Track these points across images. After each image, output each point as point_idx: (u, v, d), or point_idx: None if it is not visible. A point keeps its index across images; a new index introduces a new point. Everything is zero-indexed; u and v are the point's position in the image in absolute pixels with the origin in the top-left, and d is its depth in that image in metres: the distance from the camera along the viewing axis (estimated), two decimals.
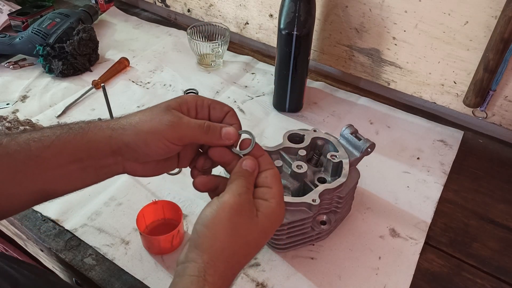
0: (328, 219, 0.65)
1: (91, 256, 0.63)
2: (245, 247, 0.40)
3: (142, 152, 0.43)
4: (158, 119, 0.42)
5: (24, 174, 0.41)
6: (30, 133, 0.42)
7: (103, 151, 0.43)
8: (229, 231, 0.39)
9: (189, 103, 0.45)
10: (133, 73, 1.02)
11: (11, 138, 0.42)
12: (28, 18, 1.11)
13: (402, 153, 0.83)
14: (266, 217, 0.41)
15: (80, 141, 0.42)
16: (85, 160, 0.43)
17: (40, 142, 0.41)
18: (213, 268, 0.38)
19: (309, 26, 0.79)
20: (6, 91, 0.94)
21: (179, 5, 1.18)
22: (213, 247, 0.38)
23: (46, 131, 0.43)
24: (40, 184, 0.42)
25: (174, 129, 0.42)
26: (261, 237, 0.41)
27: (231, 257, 0.39)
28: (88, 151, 0.42)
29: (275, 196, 0.42)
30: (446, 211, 0.73)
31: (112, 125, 0.43)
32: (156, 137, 0.42)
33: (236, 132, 0.45)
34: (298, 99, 0.91)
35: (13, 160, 0.41)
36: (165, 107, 0.43)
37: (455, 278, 0.63)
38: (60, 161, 0.42)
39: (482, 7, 0.76)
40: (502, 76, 0.77)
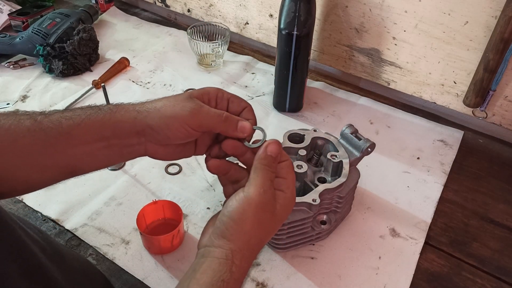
0: (328, 219, 0.65)
1: (92, 255, 0.63)
2: (266, 236, 0.45)
3: (163, 135, 0.45)
4: (180, 105, 0.45)
5: (55, 148, 0.44)
6: (62, 112, 0.45)
7: (128, 131, 0.45)
8: (255, 225, 0.43)
9: (210, 94, 0.48)
10: (133, 73, 1.02)
11: (45, 116, 0.44)
12: (28, 18, 1.11)
13: (402, 153, 0.83)
14: (282, 207, 0.45)
15: (108, 121, 0.45)
16: (111, 139, 0.45)
17: (71, 120, 0.44)
18: (240, 254, 0.42)
19: (309, 26, 0.79)
20: (6, 91, 0.94)
21: (179, 5, 1.18)
22: (240, 239, 0.42)
23: (77, 111, 0.46)
24: (69, 159, 0.45)
25: (194, 115, 0.45)
26: (278, 225, 0.46)
27: (255, 245, 0.44)
28: (114, 130, 0.45)
29: (289, 186, 0.46)
30: (446, 211, 0.73)
31: (138, 108, 0.46)
32: (178, 121, 0.45)
33: (251, 127, 0.47)
34: (298, 99, 0.91)
35: (46, 135, 0.43)
36: (188, 95, 0.46)
37: (455, 278, 0.63)
38: (88, 138, 0.45)
39: (482, 7, 0.76)
40: (502, 76, 0.77)
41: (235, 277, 0.41)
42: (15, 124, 0.43)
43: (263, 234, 0.44)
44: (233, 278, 0.41)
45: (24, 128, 0.43)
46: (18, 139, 0.43)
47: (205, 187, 0.74)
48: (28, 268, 0.37)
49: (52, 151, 0.44)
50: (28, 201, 0.70)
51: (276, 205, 0.44)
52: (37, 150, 0.43)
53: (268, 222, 0.44)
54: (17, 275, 0.36)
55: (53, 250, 0.45)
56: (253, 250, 0.44)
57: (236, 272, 0.41)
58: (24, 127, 0.43)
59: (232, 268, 0.41)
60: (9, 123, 0.43)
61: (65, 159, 0.45)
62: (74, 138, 0.44)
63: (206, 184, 0.75)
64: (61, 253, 0.47)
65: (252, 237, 0.43)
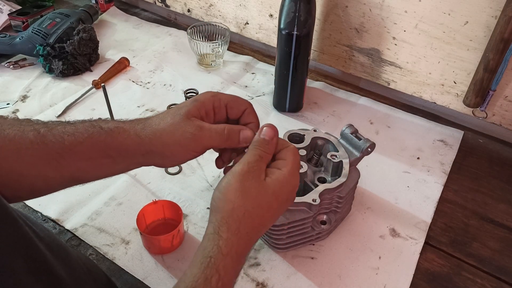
0: (328, 219, 0.65)
1: (92, 255, 0.63)
2: (257, 209, 0.43)
3: (168, 160, 0.47)
4: (181, 131, 0.45)
5: (59, 162, 0.44)
6: (64, 127, 0.46)
7: (133, 153, 0.46)
8: (238, 193, 0.42)
9: (206, 106, 0.48)
10: (133, 73, 1.02)
11: (48, 129, 0.45)
12: (28, 18, 1.11)
13: (402, 153, 0.83)
14: (275, 181, 0.44)
15: (111, 142, 0.45)
16: (116, 158, 0.46)
17: (73, 136, 0.45)
18: (226, 225, 0.41)
19: (309, 26, 0.79)
20: (6, 91, 0.94)
21: (179, 5, 1.18)
22: (224, 208, 0.42)
23: (78, 126, 0.46)
24: (73, 171, 0.46)
25: (196, 141, 0.46)
26: (272, 200, 0.44)
27: (243, 216, 0.42)
28: (118, 151, 0.46)
29: (287, 165, 0.45)
30: (446, 211, 0.73)
31: (139, 133, 0.46)
32: (182, 148, 0.46)
33: (253, 135, 0.48)
34: (298, 99, 0.91)
35: (48, 148, 0.44)
36: (185, 115, 0.46)
37: (455, 278, 0.63)
38: (92, 155, 0.45)
39: (482, 7, 0.76)
40: (502, 76, 0.77)
41: (223, 253, 0.40)
42: (19, 135, 0.44)
43: (251, 204, 0.42)
44: (221, 254, 0.40)
45: (27, 140, 0.44)
46: (22, 150, 0.43)
47: (205, 187, 0.74)
48: (34, 264, 0.38)
49: (56, 164, 0.44)
50: (28, 201, 0.70)
51: (266, 178, 0.44)
52: (40, 162, 0.44)
53: (254, 191, 0.43)
54: (24, 271, 0.36)
55: (57, 248, 0.45)
56: (240, 221, 0.41)
57: (224, 247, 0.40)
58: (27, 139, 0.44)
59: (219, 243, 0.40)
60: (14, 133, 0.44)
61: (69, 171, 0.46)
62: (78, 154, 0.45)
63: (206, 184, 0.75)
64: (65, 251, 0.47)
65: (237, 205, 0.42)
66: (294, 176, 0.45)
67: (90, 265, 0.52)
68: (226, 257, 0.40)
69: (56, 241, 0.47)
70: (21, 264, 0.36)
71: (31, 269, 0.37)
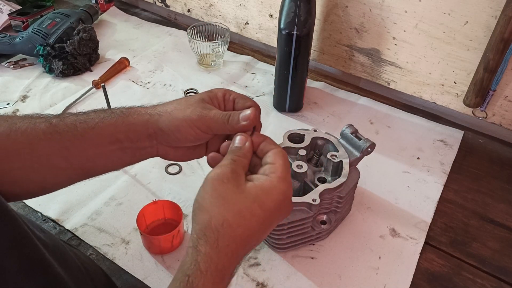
0: (328, 219, 0.65)
1: (92, 255, 0.63)
2: (237, 217, 0.39)
3: (174, 137, 0.47)
4: (191, 109, 0.46)
5: (69, 150, 0.45)
6: (77, 116, 0.47)
7: (140, 134, 0.47)
8: (213, 200, 0.39)
9: (218, 97, 0.49)
10: (133, 73, 1.02)
11: (59, 119, 0.46)
12: (28, 18, 1.11)
13: (402, 153, 0.83)
14: (257, 187, 0.40)
15: (121, 124, 0.46)
16: (124, 142, 0.47)
17: (85, 123, 0.46)
18: (204, 238, 0.38)
19: (309, 26, 0.79)
20: (6, 91, 0.94)
21: (179, 5, 1.18)
22: (201, 218, 0.39)
23: (90, 114, 0.47)
24: (83, 161, 0.46)
25: (202, 119, 0.46)
26: (255, 207, 0.39)
27: (221, 226, 0.38)
28: (127, 133, 0.46)
29: (275, 171, 0.42)
30: (446, 211, 0.73)
31: (150, 111, 0.47)
32: (188, 124, 0.46)
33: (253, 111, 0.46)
34: (298, 99, 0.91)
35: (61, 137, 0.45)
36: (199, 99, 0.48)
37: (455, 278, 0.63)
38: (102, 141, 0.46)
39: (482, 7, 0.76)
40: (502, 76, 0.77)
41: (201, 270, 0.36)
42: (31, 127, 0.44)
43: (230, 213, 0.38)
44: (199, 271, 0.36)
45: (39, 131, 0.44)
46: (34, 141, 0.44)
47: None
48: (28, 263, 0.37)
49: (67, 153, 0.45)
50: (28, 201, 0.70)
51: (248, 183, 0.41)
52: (52, 152, 0.45)
53: (231, 197, 0.39)
54: (16, 269, 0.36)
55: (55, 247, 0.45)
56: (218, 232, 0.37)
57: (203, 264, 0.36)
58: (39, 130, 0.44)
59: (197, 258, 0.36)
60: (25, 126, 0.44)
61: (79, 161, 0.46)
62: (88, 140, 0.46)
63: None
64: (62, 250, 0.47)
65: (214, 214, 0.38)
66: (282, 181, 0.41)
67: (88, 265, 0.52)
68: (206, 275, 0.36)
69: (54, 240, 0.47)
70: (14, 263, 0.36)
71: (24, 268, 0.37)
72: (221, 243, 0.38)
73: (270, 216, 0.41)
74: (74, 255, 0.50)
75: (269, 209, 0.40)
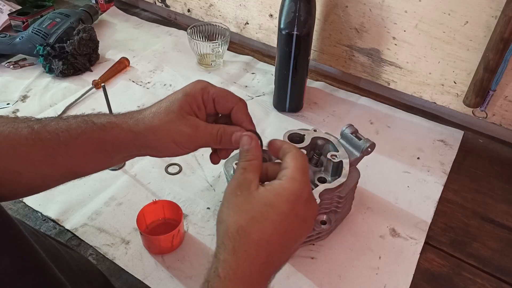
0: (328, 218, 0.65)
1: (92, 255, 0.63)
2: (251, 222, 0.39)
3: (164, 154, 0.48)
4: (177, 130, 0.46)
5: (54, 158, 0.44)
6: (58, 122, 0.46)
7: (127, 146, 0.47)
8: (229, 211, 0.40)
9: (197, 100, 0.47)
10: (133, 73, 1.02)
11: (42, 125, 0.45)
12: (28, 18, 1.12)
13: (402, 153, 0.83)
14: (268, 191, 0.40)
15: (105, 137, 0.46)
16: (111, 152, 0.47)
17: (68, 132, 0.45)
18: (222, 246, 0.38)
19: (309, 26, 0.79)
20: (6, 91, 0.94)
21: (179, 5, 1.18)
22: (219, 230, 0.40)
23: (71, 122, 0.46)
24: (69, 166, 0.46)
25: (191, 140, 0.46)
26: (268, 212, 0.39)
27: (237, 233, 0.38)
28: (113, 145, 0.46)
29: (286, 173, 0.41)
30: (446, 211, 0.73)
31: (132, 128, 0.46)
32: (177, 146, 0.46)
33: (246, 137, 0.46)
34: (298, 99, 0.91)
35: (43, 145, 0.44)
36: (179, 112, 0.46)
37: (455, 278, 0.63)
38: (88, 150, 0.46)
39: (482, 7, 0.76)
40: (502, 76, 0.77)
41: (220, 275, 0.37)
42: (13, 132, 0.44)
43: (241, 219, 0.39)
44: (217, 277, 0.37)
45: (22, 137, 0.44)
46: (17, 146, 0.43)
47: (205, 187, 0.74)
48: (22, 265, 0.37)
49: (52, 160, 0.45)
50: (28, 201, 0.70)
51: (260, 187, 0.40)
52: (36, 158, 0.44)
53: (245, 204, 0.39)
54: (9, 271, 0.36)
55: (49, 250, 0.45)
56: (234, 238, 0.38)
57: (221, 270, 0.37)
58: (22, 135, 0.44)
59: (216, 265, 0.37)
60: (8, 130, 0.44)
61: (65, 166, 0.46)
62: (73, 149, 0.45)
63: (206, 184, 0.75)
64: (56, 253, 0.47)
65: (230, 223, 0.39)
66: (294, 181, 0.40)
67: (85, 267, 0.52)
68: (224, 281, 0.36)
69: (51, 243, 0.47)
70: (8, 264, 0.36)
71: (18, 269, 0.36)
72: (238, 249, 0.38)
73: (286, 219, 0.39)
74: (69, 258, 0.49)
75: (282, 211, 0.39)
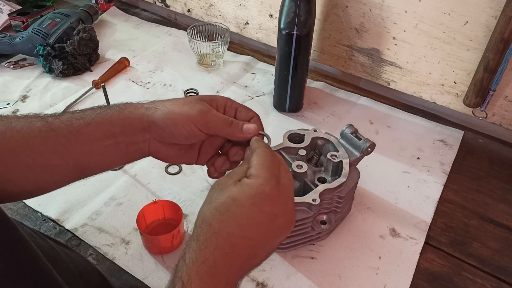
0: (328, 219, 0.65)
1: (92, 255, 0.63)
2: (213, 212, 0.40)
3: (168, 131, 0.47)
4: (190, 105, 0.47)
5: (65, 147, 0.45)
6: (73, 113, 0.48)
7: (135, 127, 0.47)
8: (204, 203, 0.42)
9: (219, 101, 0.50)
10: (133, 73, 1.02)
11: (55, 117, 0.46)
12: (28, 18, 1.11)
13: (402, 153, 0.83)
14: (236, 186, 0.41)
15: (116, 117, 0.47)
16: (118, 136, 0.47)
17: (82, 119, 0.46)
18: (192, 235, 0.40)
19: (309, 26, 0.79)
20: (6, 91, 0.94)
21: (179, 5, 1.18)
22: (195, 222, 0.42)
23: (87, 110, 0.48)
24: (78, 157, 0.47)
25: (202, 116, 0.46)
26: (227, 202, 0.40)
27: (202, 222, 0.40)
28: (122, 126, 0.47)
29: (251, 172, 0.42)
30: (446, 211, 0.73)
31: (147, 105, 0.48)
32: (185, 119, 0.46)
33: (256, 128, 0.48)
34: (298, 99, 0.91)
35: (56, 134, 0.45)
36: (198, 98, 0.48)
37: (455, 278, 0.63)
38: (97, 135, 0.46)
39: (482, 7, 0.76)
40: (502, 76, 0.77)
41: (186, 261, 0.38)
42: (26, 126, 0.45)
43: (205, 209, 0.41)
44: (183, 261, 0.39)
45: (35, 129, 0.45)
46: (30, 140, 0.44)
47: (205, 187, 0.74)
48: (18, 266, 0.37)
49: (62, 150, 0.45)
50: (28, 201, 0.70)
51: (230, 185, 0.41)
52: (47, 149, 0.45)
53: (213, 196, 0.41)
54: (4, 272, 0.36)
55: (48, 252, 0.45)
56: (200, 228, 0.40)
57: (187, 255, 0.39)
58: (35, 128, 0.45)
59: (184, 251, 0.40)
60: (21, 125, 0.45)
61: (74, 157, 0.46)
62: (84, 136, 0.46)
63: (206, 184, 0.75)
64: (54, 254, 0.47)
65: (199, 215, 0.41)
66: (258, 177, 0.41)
67: (83, 268, 0.52)
68: (189, 264, 0.38)
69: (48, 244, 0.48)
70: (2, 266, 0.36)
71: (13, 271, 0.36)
72: (200, 237, 0.40)
73: (247, 213, 0.40)
74: (67, 258, 0.50)
75: (242, 205, 0.40)
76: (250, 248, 0.40)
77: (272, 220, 0.41)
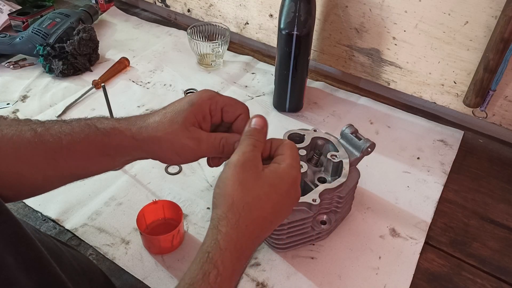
0: (328, 219, 0.65)
1: (92, 255, 0.63)
2: (256, 200, 0.42)
3: (167, 162, 0.50)
4: (180, 143, 0.46)
5: (57, 161, 0.45)
6: (61, 126, 0.46)
7: (131, 153, 0.48)
8: (236, 186, 0.42)
9: (204, 110, 0.48)
10: (133, 73, 1.02)
11: (45, 128, 0.45)
12: (28, 18, 1.11)
13: (402, 153, 0.83)
14: (272, 173, 0.43)
15: (108, 143, 0.46)
16: (115, 156, 0.47)
17: (71, 136, 0.45)
18: (225, 219, 0.40)
19: (309, 26, 0.79)
20: (6, 91, 0.94)
21: (179, 5, 1.18)
22: (224, 202, 0.41)
23: (74, 126, 0.46)
24: (72, 169, 0.47)
25: (193, 153, 0.47)
26: (270, 191, 0.42)
27: (243, 209, 0.41)
28: (116, 150, 0.47)
29: (285, 159, 0.45)
30: (446, 211, 0.73)
31: (135, 136, 0.46)
32: (179, 157, 0.47)
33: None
34: (298, 99, 0.91)
35: (46, 148, 0.44)
36: (184, 123, 0.46)
37: (455, 278, 0.63)
38: (91, 153, 0.46)
39: (482, 7, 0.76)
40: (502, 76, 0.77)
41: (221, 247, 0.39)
42: (17, 134, 0.44)
43: (250, 197, 0.42)
44: (219, 248, 0.39)
45: (25, 140, 0.44)
46: (21, 149, 0.44)
47: (205, 187, 0.74)
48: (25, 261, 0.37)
49: (54, 163, 0.45)
50: (28, 201, 0.70)
51: (264, 169, 0.43)
52: (39, 161, 0.45)
53: (251, 183, 0.42)
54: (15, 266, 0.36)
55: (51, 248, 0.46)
56: (239, 214, 0.41)
57: (222, 242, 0.39)
58: (25, 138, 0.44)
59: (217, 237, 0.39)
60: (12, 133, 0.44)
61: (68, 169, 0.46)
62: (76, 153, 0.46)
63: (206, 184, 0.75)
64: (58, 251, 0.47)
65: (236, 199, 0.41)
66: (293, 168, 0.44)
67: (86, 266, 0.52)
68: (225, 252, 0.39)
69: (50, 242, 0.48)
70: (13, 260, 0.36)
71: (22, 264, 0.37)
72: (241, 224, 0.40)
73: (281, 200, 0.43)
74: (71, 256, 0.50)
75: (281, 193, 0.43)
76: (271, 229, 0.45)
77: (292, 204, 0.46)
